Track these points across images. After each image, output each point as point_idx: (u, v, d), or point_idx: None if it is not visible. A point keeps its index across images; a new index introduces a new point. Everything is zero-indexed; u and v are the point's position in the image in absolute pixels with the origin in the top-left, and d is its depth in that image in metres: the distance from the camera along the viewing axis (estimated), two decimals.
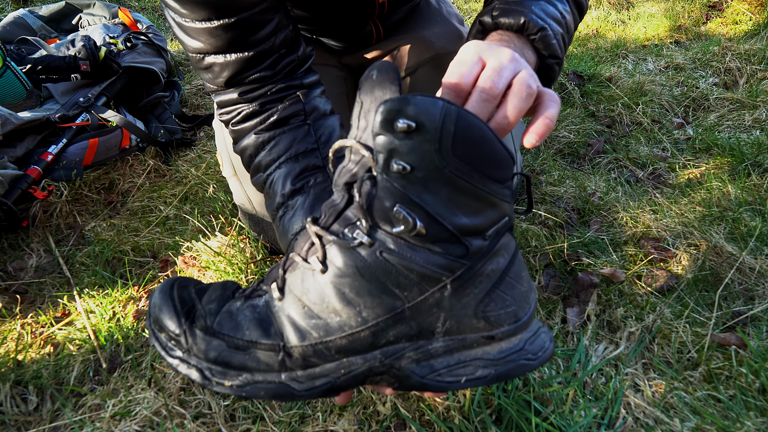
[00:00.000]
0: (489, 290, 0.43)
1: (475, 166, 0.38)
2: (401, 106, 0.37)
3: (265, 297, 0.46)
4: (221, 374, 0.43)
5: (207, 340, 0.44)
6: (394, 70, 0.42)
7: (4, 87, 1.13)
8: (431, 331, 0.43)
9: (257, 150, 0.64)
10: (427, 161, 0.38)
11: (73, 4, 1.62)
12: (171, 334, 0.45)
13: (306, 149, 0.63)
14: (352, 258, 0.41)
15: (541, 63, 0.57)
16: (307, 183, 0.62)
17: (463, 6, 2.45)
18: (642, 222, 0.91)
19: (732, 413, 0.60)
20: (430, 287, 0.41)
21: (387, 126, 0.37)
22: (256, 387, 0.43)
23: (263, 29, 0.59)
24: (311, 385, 0.43)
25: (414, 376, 0.43)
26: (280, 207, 0.63)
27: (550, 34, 0.55)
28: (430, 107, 0.36)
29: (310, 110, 0.65)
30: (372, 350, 0.43)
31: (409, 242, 0.40)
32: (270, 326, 0.44)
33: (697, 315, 0.73)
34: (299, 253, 0.45)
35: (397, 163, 0.38)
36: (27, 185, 0.98)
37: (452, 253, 0.41)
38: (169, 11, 0.59)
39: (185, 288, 0.48)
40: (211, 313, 0.46)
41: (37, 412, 0.67)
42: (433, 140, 0.37)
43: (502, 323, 0.44)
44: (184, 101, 1.53)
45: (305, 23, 0.88)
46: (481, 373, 0.43)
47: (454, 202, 0.39)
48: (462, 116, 0.37)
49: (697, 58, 1.60)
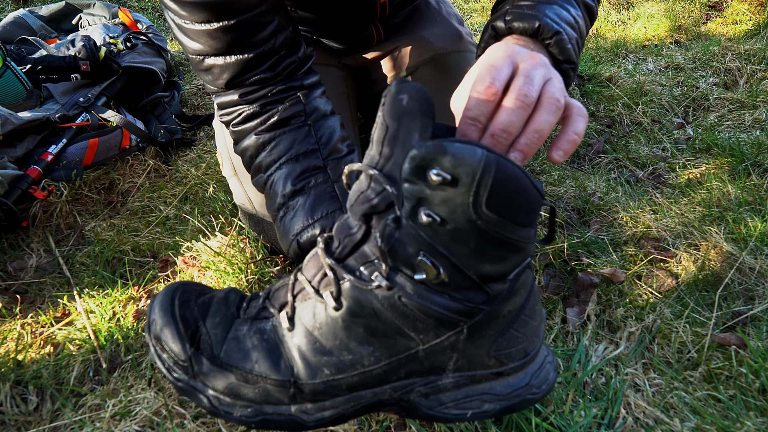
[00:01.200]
0: (503, 329, 0.43)
1: (507, 218, 0.36)
2: (436, 155, 0.33)
3: (273, 321, 0.45)
4: (230, 405, 0.43)
5: (215, 371, 0.43)
6: (428, 101, 0.38)
7: (4, 87, 1.13)
8: (442, 368, 0.43)
9: (258, 151, 0.64)
10: (458, 214, 0.35)
11: (73, 4, 1.62)
12: (175, 358, 0.44)
13: (307, 150, 0.63)
14: (368, 299, 0.40)
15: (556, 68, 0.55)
16: (307, 183, 0.62)
17: (463, 6, 2.45)
18: (642, 222, 0.91)
19: (732, 413, 0.60)
20: (446, 331, 0.41)
21: (419, 173, 0.34)
22: (266, 419, 0.42)
23: (263, 31, 0.59)
24: (321, 416, 0.42)
25: (422, 408, 0.44)
26: (280, 207, 0.63)
27: (565, 39, 0.53)
28: (469, 158, 0.33)
29: (311, 111, 0.65)
30: (382, 385, 0.43)
31: (428, 288, 0.39)
32: (280, 358, 0.43)
33: (697, 315, 0.73)
34: (311, 282, 0.43)
35: (426, 214, 0.35)
36: (27, 185, 0.98)
37: (472, 300, 0.40)
38: (169, 13, 0.59)
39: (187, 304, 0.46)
40: (218, 341, 0.44)
41: (37, 412, 0.67)
42: (469, 194, 0.34)
43: (512, 359, 0.44)
44: (184, 101, 1.53)
45: (307, 25, 0.88)
46: (487, 408, 0.44)
47: (481, 253, 0.37)
48: (501, 167, 0.34)
49: (697, 58, 1.60)
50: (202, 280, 0.83)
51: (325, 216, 0.60)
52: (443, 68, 0.93)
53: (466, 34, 0.99)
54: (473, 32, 2.07)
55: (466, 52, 0.96)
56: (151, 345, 0.46)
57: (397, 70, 0.95)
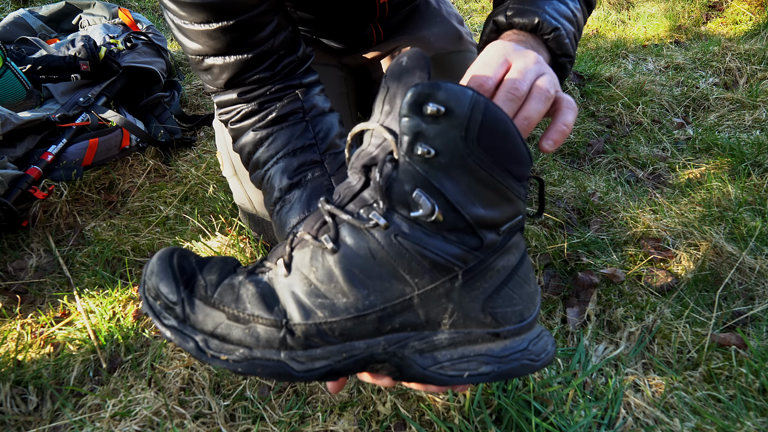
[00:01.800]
0: (498, 286, 0.43)
1: (497, 159, 0.39)
2: (432, 90, 0.37)
3: (269, 274, 0.45)
4: (218, 348, 0.42)
5: (206, 310, 0.43)
6: (424, 58, 0.42)
7: (4, 87, 1.13)
8: (438, 322, 0.43)
9: (255, 147, 0.64)
10: (452, 147, 0.38)
11: (73, 4, 1.62)
12: (167, 301, 0.43)
13: (304, 144, 0.63)
14: (365, 239, 0.41)
15: (554, 62, 0.58)
16: (304, 177, 0.62)
17: (462, 6, 2.45)
18: (642, 222, 0.91)
19: (732, 413, 0.60)
20: (441, 276, 0.41)
21: (416, 108, 0.37)
22: (254, 363, 0.41)
23: (262, 31, 0.59)
24: (311, 366, 0.42)
25: (416, 366, 0.43)
26: (277, 201, 0.63)
27: (563, 34, 0.56)
28: (461, 95, 0.37)
29: (309, 108, 0.65)
30: (376, 336, 0.43)
31: (424, 228, 0.40)
32: (273, 302, 0.43)
33: (697, 315, 0.73)
34: (309, 231, 0.45)
35: (422, 146, 0.38)
36: (27, 185, 0.98)
37: (466, 244, 0.41)
38: (168, 13, 0.59)
39: (185, 258, 0.47)
40: (212, 284, 0.44)
41: (37, 412, 0.67)
42: (461, 127, 0.37)
43: (509, 321, 0.44)
44: (184, 101, 1.53)
45: (306, 25, 0.88)
46: (484, 370, 0.43)
47: (474, 192, 0.39)
48: (490, 108, 0.37)
49: (697, 58, 1.60)
50: None
51: None
52: (443, 68, 0.93)
53: (466, 34, 0.99)
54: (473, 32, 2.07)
55: (466, 52, 0.96)
56: (144, 294, 0.45)
57: None
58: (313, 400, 0.65)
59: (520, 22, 0.56)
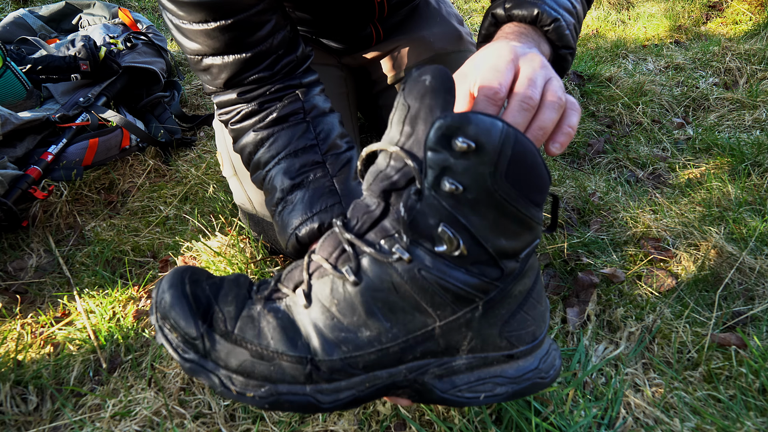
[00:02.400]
0: (515, 310, 0.44)
1: (522, 192, 0.38)
2: (462, 123, 0.35)
3: (287, 301, 0.44)
4: (243, 384, 0.41)
5: (228, 347, 0.41)
6: (450, 80, 0.40)
7: (4, 87, 1.13)
8: (456, 349, 0.43)
9: (256, 147, 0.64)
10: (480, 183, 0.37)
11: (73, 4, 1.62)
12: (186, 336, 0.42)
13: (305, 145, 0.63)
14: (388, 273, 0.40)
15: (555, 54, 0.58)
16: (306, 178, 0.62)
17: (462, 6, 2.45)
18: (642, 222, 0.91)
19: (732, 413, 0.60)
20: (463, 307, 0.41)
21: (444, 142, 0.36)
22: (280, 399, 0.41)
23: (260, 30, 0.59)
24: (336, 397, 0.42)
25: (435, 391, 0.44)
26: (279, 202, 0.63)
27: (563, 25, 0.55)
28: (492, 128, 0.35)
29: (310, 108, 0.65)
30: (398, 365, 0.43)
31: (447, 261, 0.40)
32: (296, 336, 0.42)
33: (697, 315, 0.73)
34: (327, 259, 0.43)
35: (449, 182, 0.37)
36: (27, 185, 0.98)
37: (487, 275, 0.41)
38: (167, 13, 0.59)
39: (198, 284, 0.45)
40: (231, 317, 0.43)
41: (37, 412, 0.67)
42: (491, 162, 0.36)
43: (522, 342, 0.45)
44: (184, 101, 1.53)
45: (306, 25, 0.88)
46: (499, 391, 0.45)
47: (498, 226, 0.39)
48: (519, 140, 0.36)
49: (697, 58, 1.60)
50: None
51: (324, 209, 0.59)
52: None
53: (466, 34, 0.99)
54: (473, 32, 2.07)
55: (466, 52, 0.96)
56: (158, 325, 0.43)
57: (396, 70, 0.95)
58: None
59: (519, 14, 0.55)
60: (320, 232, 0.60)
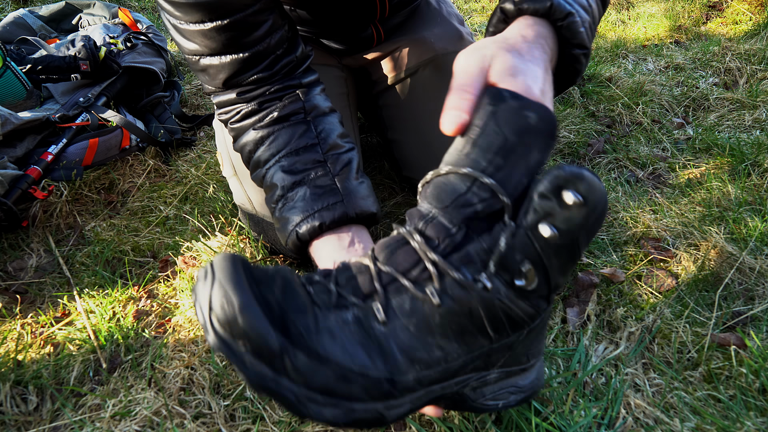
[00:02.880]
0: (540, 332, 0.48)
1: (591, 238, 0.42)
2: (575, 179, 0.38)
3: (354, 311, 0.42)
4: (322, 403, 0.39)
5: (311, 366, 0.38)
6: (555, 124, 0.42)
7: (4, 87, 1.13)
8: (494, 364, 0.47)
9: (256, 146, 0.64)
10: (572, 231, 0.40)
11: (73, 4, 1.62)
12: (262, 349, 0.37)
13: (306, 144, 0.63)
14: (469, 298, 0.41)
15: (566, 53, 0.52)
16: (307, 176, 0.62)
17: (463, 6, 2.45)
18: (642, 222, 0.91)
19: (732, 413, 0.60)
20: (515, 331, 0.44)
21: (555, 192, 0.39)
22: (355, 417, 0.40)
23: (257, 30, 0.59)
24: (399, 411, 0.43)
25: (468, 401, 0.48)
26: (279, 199, 0.63)
27: (578, 21, 0.51)
28: (599, 189, 0.39)
29: (310, 108, 0.65)
30: (449, 380, 0.45)
31: (516, 292, 0.42)
32: (376, 355, 0.41)
33: (697, 315, 0.73)
34: (405, 275, 0.43)
35: (548, 228, 0.39)
36: (27, 185, 0.98)
37: (540, 306, 0.44)
38: (165, 14, 0.59)
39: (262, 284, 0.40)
40: (311, 331, 0.40)
41: (37, 412, 0.67)
42: (587, 217, 0.39)
43: (534, 357, 0.50)
44: (184, 101, 1.53)
45: (307, 25, 0.88)
46: (512, 399, 0.50)
47: (566, 268, 0.42)
48: (606, 197, 0.40)
49: (697, 58, 1.60)
50: None
51: (325, 208, 0.59)
52: (444, 69, 0.93)
53: (467, 34, 0.99)
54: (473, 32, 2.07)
55: None
56: (216, 327, 0.37)
57: (397, 71, 0.95)
58: None
59: (530, 7, 0.51)
60: (321, 230, 0.59)
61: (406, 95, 0.95)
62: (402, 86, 0.95)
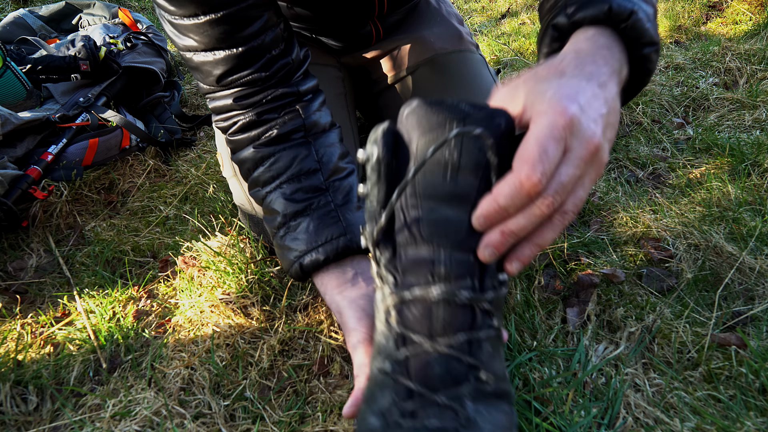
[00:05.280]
0: None
1: None
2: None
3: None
4: None
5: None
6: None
7: (4, 87, 1.13)
8: None
9: (256, 165, 0.64)
10: None
11: (73, 4, 1.62)
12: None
13: (309, 169, 0.62)
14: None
15: (635, 55, 0.47)
16: (309, 206, 0.61)
17: (463, 6, 2.45)
18: (642, 222, 0.91)
19: (732, 413, 0.60)
20: None
21: None
22: None
23: (251, 26, 0.59)
24: None
25: None
26: (281, 227, 0.62)
27: (643, 18, 0.45)
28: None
29: (310, 125, 0.64)
30: None
31: None
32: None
33: (697, 315, 0.73)
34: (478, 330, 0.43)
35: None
36: (27, 185, 0.98)
37: None
38: (160, 10, 0.59)
39: None
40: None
41: (37, 412, 0.67)
42: None
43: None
44: (184, 101, 1.53)
45: (304, 22, 0.88)
46: None
47: None
48: None
49: (697, 58, 1.60)
50: (202, 280, 0.83)
51: (329, 241, 0.59)
52: (443, 68, 0.93)
53: (466, 33, 0.99)
54: (473, 32, 2.07)
55: (466, 52, 0.95)
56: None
57: (396, 70, 0.95)
58: (313, 400, 0.65)
59: (587, 16, 0.45)
60: (325, 264, 0.59)
61: (406, 95, 0.95)
62: (402, 86, 0.95)
